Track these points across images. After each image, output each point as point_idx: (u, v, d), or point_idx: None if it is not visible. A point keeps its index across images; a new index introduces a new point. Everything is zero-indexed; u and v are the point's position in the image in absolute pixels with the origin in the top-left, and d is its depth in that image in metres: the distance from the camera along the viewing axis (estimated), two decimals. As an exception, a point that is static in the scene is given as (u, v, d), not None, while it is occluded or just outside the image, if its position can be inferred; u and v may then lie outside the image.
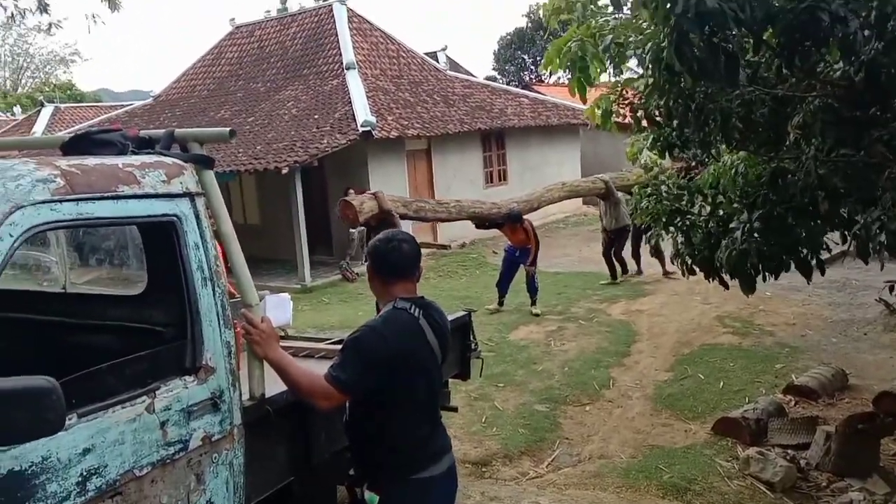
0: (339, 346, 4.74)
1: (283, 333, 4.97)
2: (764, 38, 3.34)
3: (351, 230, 13.58)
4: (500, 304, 9.67)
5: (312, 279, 13.13)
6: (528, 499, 4.61)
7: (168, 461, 2.28)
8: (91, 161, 2.33)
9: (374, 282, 2.66)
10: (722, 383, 6.51)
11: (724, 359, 7.16)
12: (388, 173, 14.37)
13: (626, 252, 11.15)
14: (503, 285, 9.68)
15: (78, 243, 3.37)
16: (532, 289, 9.53)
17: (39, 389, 1.74)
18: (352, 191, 14.18)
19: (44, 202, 2.04)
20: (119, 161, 2.38)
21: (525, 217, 9.71)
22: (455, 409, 4.71)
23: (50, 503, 1.92)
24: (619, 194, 10.73)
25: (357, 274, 12.85)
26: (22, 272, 3.38)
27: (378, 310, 2.72)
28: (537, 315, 9.24)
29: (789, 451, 5.01)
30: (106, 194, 2.21)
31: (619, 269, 11.14)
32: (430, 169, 16.02)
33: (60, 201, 2.08)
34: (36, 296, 3.32)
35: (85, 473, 2.02)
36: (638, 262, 11.29)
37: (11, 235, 1.95)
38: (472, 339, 4.62)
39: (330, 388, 2.41)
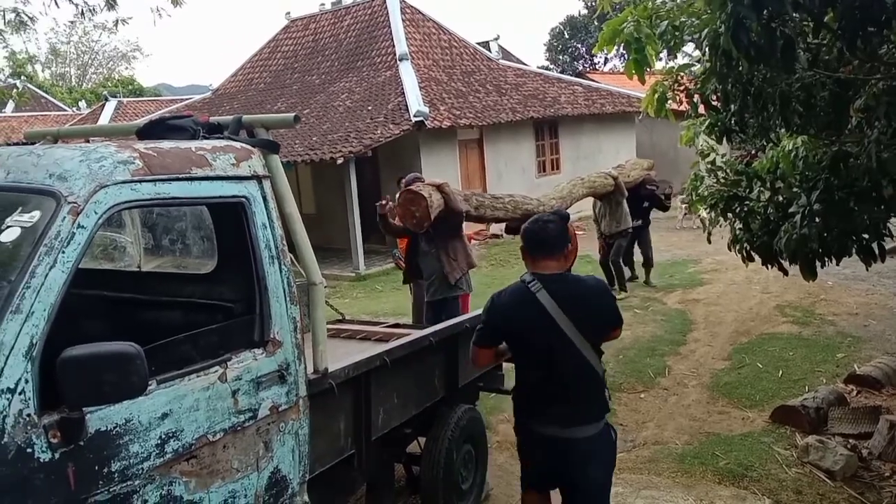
0: (393, 330, 4.86)
1: (340, 317, 5.12)
2: (825, 21, 3.28)
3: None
4: None
5: (366, 267, 13.34)
6: (582, 482, 4.64)
7: (239, 428, 2.40)
8: (166, 145, 2.47)
9: (525, 258, 3.11)
10: (781, 372, 6.41)
11: (784, 348, 7.04)
12: (440, 162, 14.48)
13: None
14: None
15: (151, 224, 3.53)
16: None
17: (125, 354, 1.87)
18: (403, 181, 14.25)
19: (124, 182, 2.18)
20: (192, 145, 2.52)
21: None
22: (508, 393, 4.76)
23: (132, 462, 2.06)
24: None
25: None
26: (101, 252, 3.56)
27: None
28: None
29: (850, 440, 4.92)
30: (180, 175, 2.34)
31: (627, 272, 10.03)
32: (482, 158, 16.06)
33: (140, 181, 2.21)
34: (114, 274, 3.51)
35: (164, 436, 2.15)
36: (632, 268, 10.38)
37: (96, 213, 2.09)
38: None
39: (473, 346, 3.12)
